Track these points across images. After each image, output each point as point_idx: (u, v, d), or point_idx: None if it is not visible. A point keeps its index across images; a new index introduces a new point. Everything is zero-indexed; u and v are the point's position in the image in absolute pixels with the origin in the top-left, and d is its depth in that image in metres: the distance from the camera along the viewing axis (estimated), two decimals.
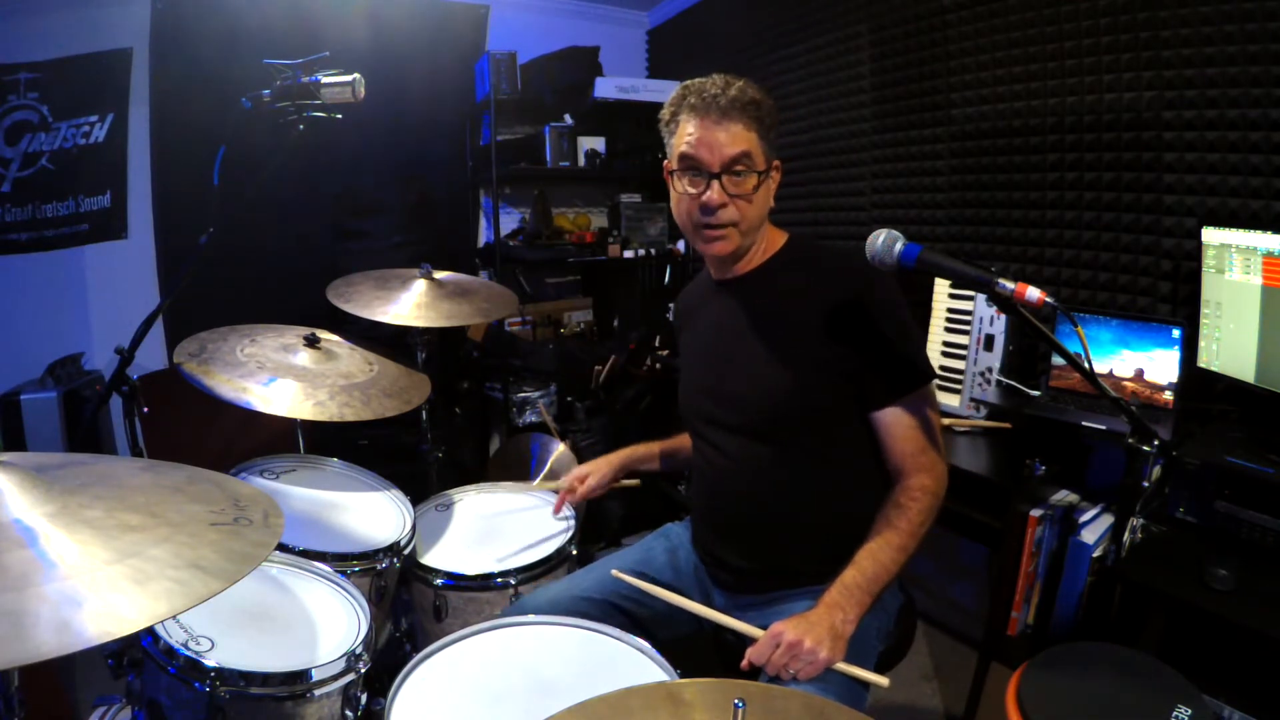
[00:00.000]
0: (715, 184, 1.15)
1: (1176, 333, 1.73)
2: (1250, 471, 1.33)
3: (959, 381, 2.10)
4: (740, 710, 0.72)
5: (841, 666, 1.04)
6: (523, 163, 3.32)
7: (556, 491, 1.66)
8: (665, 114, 1.22)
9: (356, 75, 1.50)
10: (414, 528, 1.53)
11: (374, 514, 1.57)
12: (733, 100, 1.14)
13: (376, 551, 1.42)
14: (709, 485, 1.32)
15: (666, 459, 1.60)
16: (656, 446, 1.61)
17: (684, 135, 1.18)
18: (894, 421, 1.17)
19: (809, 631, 1.03)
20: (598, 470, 1.58)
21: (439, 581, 1.48)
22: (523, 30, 3.43)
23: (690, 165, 1.17)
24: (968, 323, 2.12)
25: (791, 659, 1.02)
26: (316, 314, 1.78)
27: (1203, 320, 1.62)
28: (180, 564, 0.72)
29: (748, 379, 1.23)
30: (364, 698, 1.15)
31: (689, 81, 1.19)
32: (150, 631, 1.04)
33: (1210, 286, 1.60)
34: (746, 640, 1.24)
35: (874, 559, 1.11)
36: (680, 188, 1.20)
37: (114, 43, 2.81)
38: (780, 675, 1.03)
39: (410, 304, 1.77)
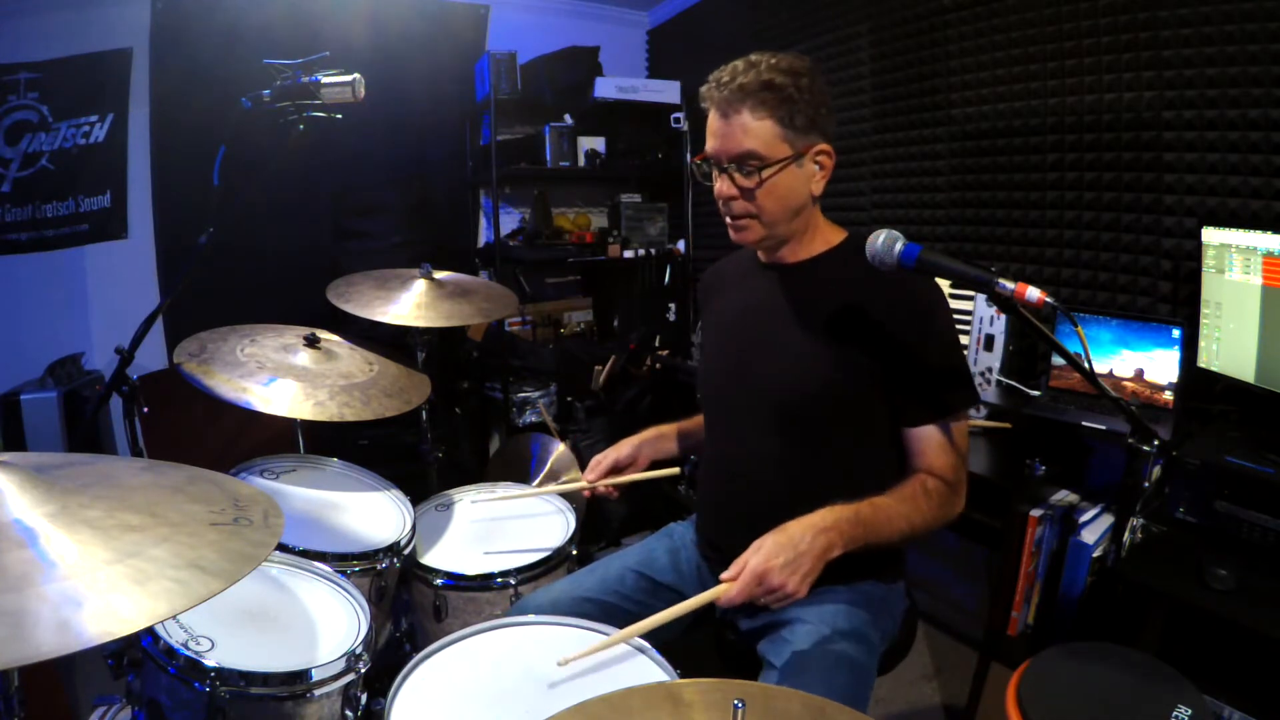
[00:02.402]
0: (724, 176, 1.14)
1: (1176, 333, 1.73)
2: (1250, 471, 1.33)
3: None
4: (740, 710, 0.72)
5: None
6: (523, 163, 3.32)
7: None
8: (701, 98, 1.19)
9: (356, 75, 1.50)
10: (414, 528, 1.53)
11: (374, 514, 1.57)
12: (740, 88, 1.10)
13: (376, 551, 1.42)
14: (719, 474, 1.31)
15: (683, 438, 1.53)
16: (673, 426, 1.54)
17: (707, 125, 1.16)
18: (926, 438, 1.15)
19: (795, 571, 1.02)
20: (616, 449, 1.47)
21: (439, 581, 1.48)
22: (523, 30, 3.43)
23: (707, 156, 1.16)
24: (968, 323, 2.12)
25: (766, 594, 1.03)
26: (316, 314, 1.78)
27: (1203, 320, 1.62)
28: (180, 564, 0.71)
29: (776, 367, 1.21)
30: (364, 698, 1.15)
31: (721, 67, 1.16)
32: (150, 631, 1.04)
33: (1210, 286, 1.60)
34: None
35: (887, 517, 1.09)
36: (712, 177, 1.19)
37: (114, 43, 2.81)
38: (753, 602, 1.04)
39: (410, 304, 1.77)
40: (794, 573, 1.02)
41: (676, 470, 1.54)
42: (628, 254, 3.41)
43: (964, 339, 2.11)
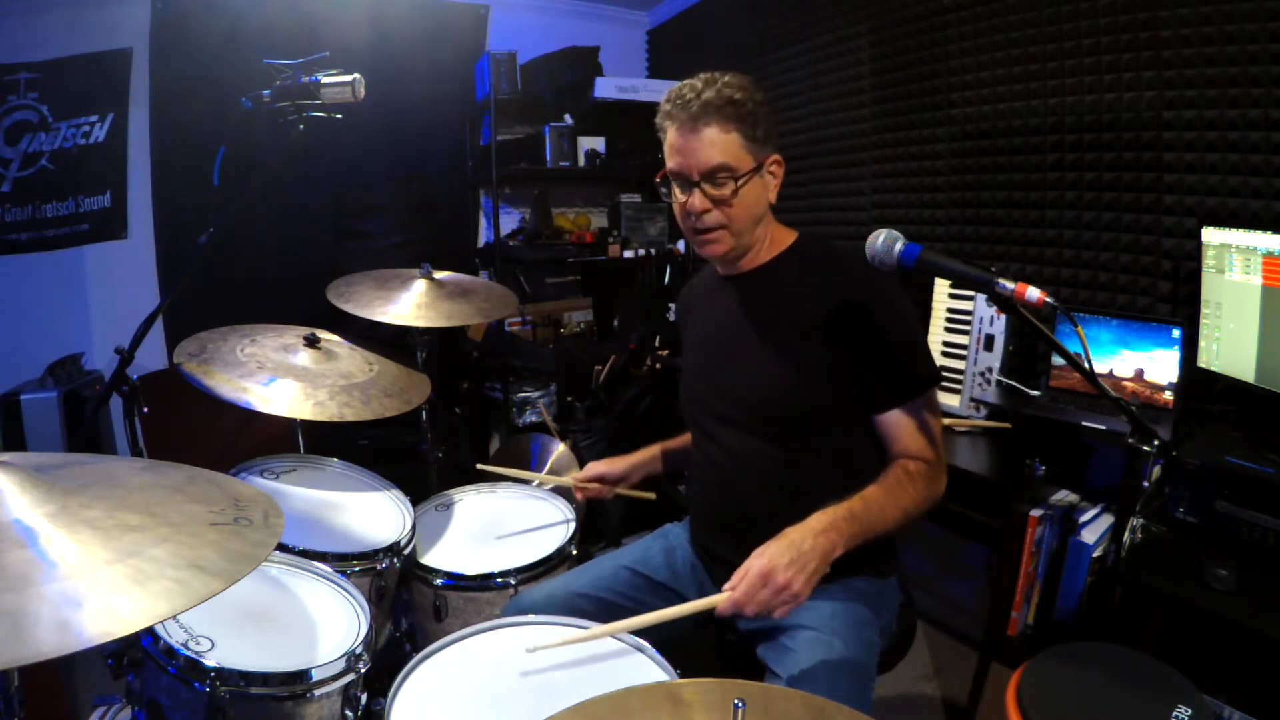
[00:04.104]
0: (696, 191, 1.17)
1: (1176, 333, 1.73)
2: (1250, 471, 1.33)
3: (959, 381, 2.10)
4: (740, 710, 0.72)
5: None
6: (523, 163, 3.32)
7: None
8: (657, 121, 1.23)
9: (356, 75, 1.50)
10: (414, 528, 1.53)
11: (374, 514, 1.57)
12: (705, 104, 1.14)
13: (376, 551, 1.42)
14: (709, 480, 1.32)
15: (668, 458, 1.58)
16: (657, 448, 1.59)
17: (667, 143, 1.19)
18: (897, 423, 1.17)
19: (801, 571, 1.01)
20: (610, 464, 1.55)
21: (439, 581, 1.48)
22: (523, 30, 3.43)
23: (673, 173, 1.20)
24: (968, 323, 2.12)
25: (773, 595, 1.01)
26: (316, 314, 1.79)
27: (1203, 320, 1.62)
28: (180, 564, 0.71)
29: (748, 374, 1.23)
30: (364, 698, 1.15)
31: (674, 86, 1.19)
32: (150, 631, 1.04)
33: (1210, 286, 1.60)
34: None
35: (880, 506, 1.10)
36: (673, 194, 1.22)
37: (114, 43, 2.81)
38: (759, 612, 1.02)
39: (410, 304, 1.77)
40: (800, 571, 1.02)
41: (652, 495, 1.63)
42: (628, 254, 3.41)
43: (964, 339, 2.11)
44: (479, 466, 1.72)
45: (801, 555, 1.02)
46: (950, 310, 2.19)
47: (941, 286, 2.24)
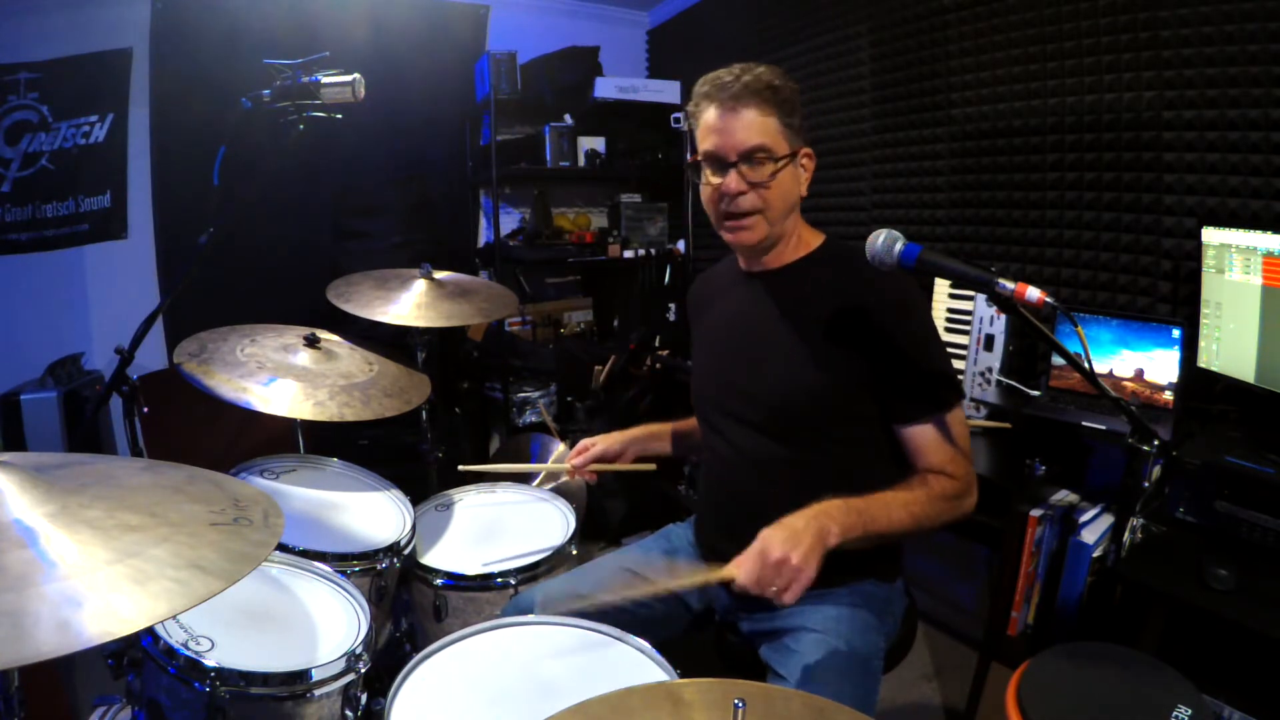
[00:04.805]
0: (733, 171, 1.15)
1: (1176, 333, 1.73)
2: (1250, 471, 1.33)
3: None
4: (740, 710, 0.72)
5: None
6: (523, 163, 3.32)
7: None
8: (689, 106, 1.22)
9: (356, 75, 1.50)
10: (414, 528, 1.53)
11: (374, 514, 1.57)
12: (746, 86, 1.13)
13: (376, 551, 1.42)
14: (717, 478, 1.32)
15: (678, 440, 1.55)
16: (669, 426, 1.56)
17: (703, 125, 1.18)
18: (920, 435, 1.15)
19: (796, 546, 1.00)
20: (606, 439, 1.50)
21: (439, 581, 1.48)
22: (523, 30, 3.43)
23: (709, 154, 1.18)
24: (968, 323, 2.12)
25: (774, 571, 0.99)
26: (317, 314, 1.79)
27: (1203, 320, 1.62)
28: (180, 564, 0.71)
29: (767, 374, 1.22)
30: (364, 698, 1.15)
31: (710, 73, 1.19)
32: (150, 631, 1.04)
33: (1210, 286, 1.60)
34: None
35: (884, 504, 1.09)
36: (704, 178, 1.20)
37: (114, 43, 2.81)
38: (763, 593, 1.01)
39: (410, 304, 1.77)
40: (795, 547, 1.00)
41: (653, 466, 1.55)
42: (628, 254, 3.41)
43: (964, 339, 2.11)
44: (461, 468, 1.63)
45: (796, 534, 1.01)
46: (950, 310, 2.19)
47: (941, 286, 2.24)
